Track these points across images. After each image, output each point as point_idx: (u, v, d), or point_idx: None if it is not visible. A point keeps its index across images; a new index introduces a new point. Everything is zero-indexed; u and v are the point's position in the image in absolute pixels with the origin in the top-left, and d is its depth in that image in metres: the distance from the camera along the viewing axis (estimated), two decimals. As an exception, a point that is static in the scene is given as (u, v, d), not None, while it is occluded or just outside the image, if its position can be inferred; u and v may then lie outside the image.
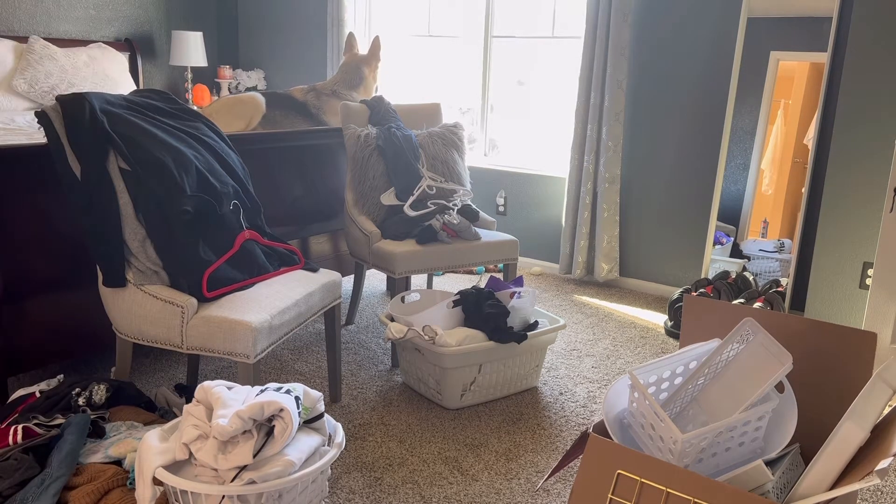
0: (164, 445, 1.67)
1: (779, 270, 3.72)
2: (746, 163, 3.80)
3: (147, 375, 2.80)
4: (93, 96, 2.16)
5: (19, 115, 4.12)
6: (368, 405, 2.63)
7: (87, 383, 2.08)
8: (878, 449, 1.31)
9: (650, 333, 3.47)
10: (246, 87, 5.60)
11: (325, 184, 3.37)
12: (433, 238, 2.92)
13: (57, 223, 2.39)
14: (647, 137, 4.02)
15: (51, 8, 4.74)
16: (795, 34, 3.57)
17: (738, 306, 1.80)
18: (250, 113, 3.31)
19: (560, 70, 4.48)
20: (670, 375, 1.67)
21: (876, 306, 2.84)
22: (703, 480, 1.27)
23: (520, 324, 2.65)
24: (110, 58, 4.81)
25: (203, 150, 2.35)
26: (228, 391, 1.70)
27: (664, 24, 3.87)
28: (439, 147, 3.25)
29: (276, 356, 3.04)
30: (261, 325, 2.04)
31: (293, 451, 1.65)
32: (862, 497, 2.15)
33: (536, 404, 2.69)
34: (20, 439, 1.85)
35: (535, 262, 4.54)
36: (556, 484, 2.17)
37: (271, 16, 5.59)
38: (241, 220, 2.34)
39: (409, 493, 2.09)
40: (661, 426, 1.45)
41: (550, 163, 4.52)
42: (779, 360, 1.56)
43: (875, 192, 3.05)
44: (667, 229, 4.02)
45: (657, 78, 3.94)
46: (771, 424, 1.58)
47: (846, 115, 3.08)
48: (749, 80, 3.70)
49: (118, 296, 2.13)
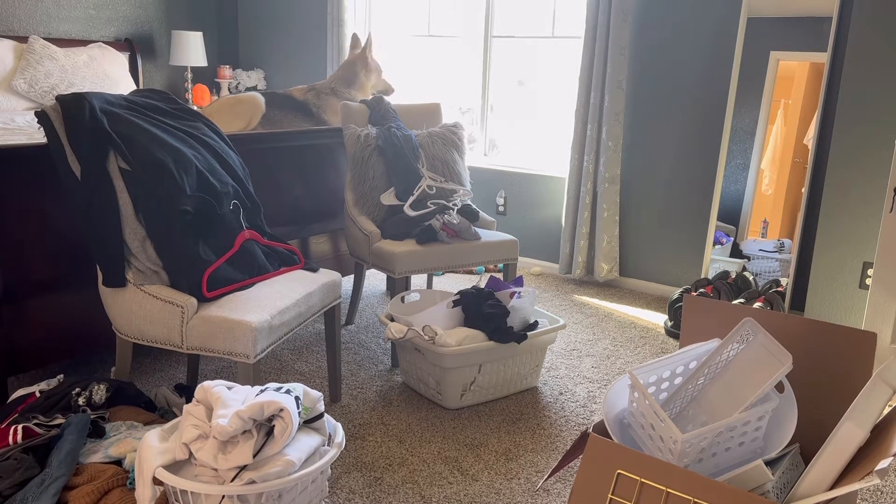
0: (164, 445, 1.67)
1: (779, 270, 3.72)
2: (746, 163, 3.80)
3: (147, 375, 2.80)
4: (93, 96, 2.16)
5: (19, 115, 4.12)
6: (368, 405, 2.63)
7: (87, 383, 2.08)
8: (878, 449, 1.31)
9: (650, 333, 3.46)
10: (246, 87, 5.60)
11: (325, 184, 3.37)
12: (433, 238, 2.92)
13: (57, 223, 2.39)
14: (647, 137, 4.02)
15: (51, 8, 4.74)
16: (795, 34, 3.57)
17: (738, 306, 1.80)
18: (250, 112, 3.31)
19: (560, 70, 4.48)
20: (670, 375, 1.67)
21: (876, 306, 2.84)
22: (703, 480, 1.27)
23: (520, 324, 2.65)
24: (110, 58, 4.81)
25: (203, 150, 2.35)
26: (228, 391, 1.70)
27: (664, 24, 3.87)
28: (439, 147, 3.25)
29: (276, 356, 3.04)
30: (261, 325, 2.04)
31: (293, 451, 1.65)
32: (862, 497, 2.15)
33: (536, 404, 2.69)
34: (20, 439, 1.85)
35: (535, 262, 4.54)
36: (556, 484, 2.17)
37: (271, 16, 5.59)
38: (241, 220, 2.34)
39: (409, 493, 2.09)
40: (661, 426, 1.45)
41: (550, 163, 4.52)
42: (779, 360, 1.56)
43: (875, 192, 3.05)
44: (667, 229, 4.02)
45: (657, 78, 3.94)
46: (771, 424, 1.58)
47: (846, 115, 3.08)
48: (749, 80, 3.70)
49: (118, 296, 2.13)
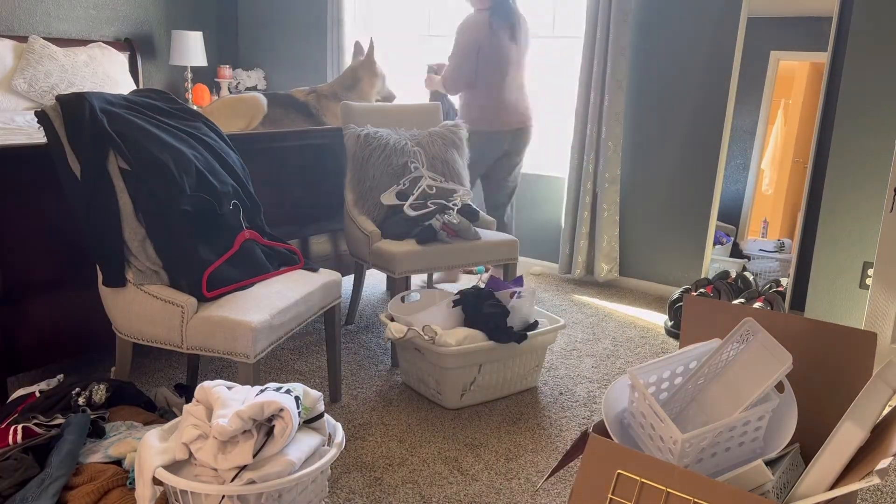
0: (163, 445, 1.67)
1: (779, 270, 3.72)
2: (746, 163, 3.80)
3: (147, 375, 2.79)
4: (92, 96, 2.16)
5: (19, 115, 4.12)
6: (368, 405, 2.63)
7: (87, 383, 2.08)
8: (878, 449, 1.31)
9: (650, 333, 3.46)
10: (246, 86, 5.60)
11: (325, 184, 3.37)
12: (433, 238, 2.92)
13: (57, 223, 2.39)
14: (647, 137, 4.02)
15: (50, 8, 4.74)
16: (795, 34, 3.57)
17: (738, 306, 1.80)
18: (251, 112, 3.31)
19: (560, 70, 4.48)
20: (670, 375, 1.67)
21: (876, 306, 2.84)
22: (703, 480, 1.27)
23: (520, 324, 2.65)
24: (110, 57, 4.81)
25: (203, 150, 2.35)
26: (228, 391, 1.70)
27: (664, 24, 3.87)
28: (439, 147, 3.25)
29: (276, 356, 3.04)
30: (261, 324, 2.04)
31: (293, 451, 1.64)
32: (862, 497, 2.15)
33: (536, 404, 2.69)
34: (20, 439, 1.85)
35: (535, 262, 4.54)
36: (556, 484, 2.17)
37: (271, 16, 5.59)
38: (241, 220, 2.34)
39: (409, 493, 2.09)
40: (661, 426, 1.45)
41: (550, 163, 4.52)
42: (779, 360, 1.56)
43: (875, 191, 3.04)
44: (667, 229, 4.02)
45: (657, 78, 3.94)
46: (771, 424, 1.58)
47: (846, 115, 3.08)
48: (749, 80, 3.70)
49: (118, 296, 2.13)
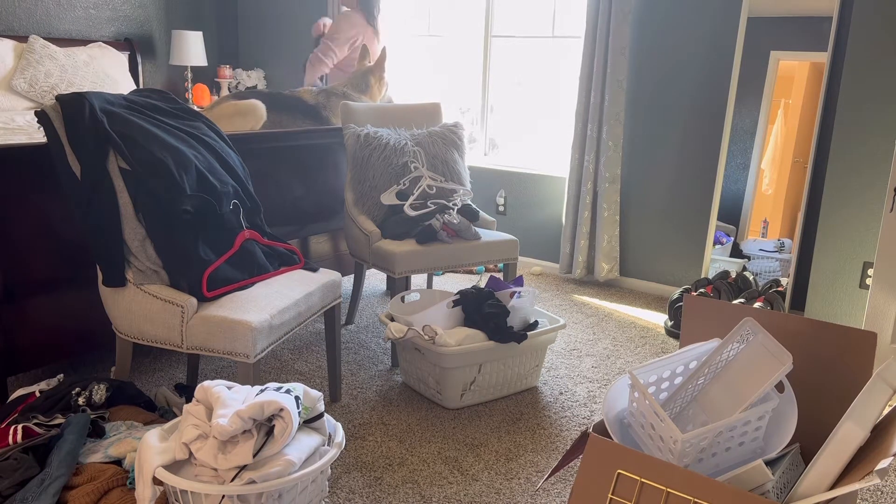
0: (163, 445, 1.67)
1: (779, 270, 3.72)
2: (746, 163, 3.80)
3: (147, 375, 2.79)
4: (93, 96, 2.16)
5: (19, 115, 4.12)
6: (368, 405, 2.63)
7: (87, 383, 2.08)
8: (878, 449, 1.31)
9: (650, 333, 3.46)
10: (246, 86, 5.60)
11: (325, 184, 3.37)
12: (433, 238, 2.92)
13: (57, 223, 2.39)
14: (647, 137, 4.02)
15: (50, 7, 4.74)
16: (795, 34, 3.57)
17: (738, 306, 1.80)
18: (250, 125, 3.30)
19: (560, 70, 4.48)
20: (670, 375, 1.67)
21: (876, 306, 2.84)
22: (703, 480, 1.27)
23: (520, 324, 2.65)
24: (110, 57, 4.81)
25: (203, 150, 2.35)
26: (228, 391, 1.70)
27: (664, 24, 3.87)
28: (439, 147, 3.25)
29: (276, 356, 3.04)
30: (261, 324, 2.04)
31: (293, 451, 1.65)
32: (862, 497, 2.15)
33: (536, 404, 2.69)
34: (20, 439, 1.85)
35: (535, 261, 4.54)
36: (556, 484, 2.17)
37: (271, 16, 5.59)
38: (241, 220, 2.34)
39: (409, 493, 2.09)
40: (661, 426, 1.45)
41: (550, 162, 4.52)
42: (779, 360, 1.56)
43: (875, 191, 3.05)
44: (667, 229, 4.02)
45: (657, 78, 3.94)
46: (771, 424, 1.58)
47: (846, 114, 3.08)
48: (749, 80, 3.70)
49: (118, 295, 2.13)
